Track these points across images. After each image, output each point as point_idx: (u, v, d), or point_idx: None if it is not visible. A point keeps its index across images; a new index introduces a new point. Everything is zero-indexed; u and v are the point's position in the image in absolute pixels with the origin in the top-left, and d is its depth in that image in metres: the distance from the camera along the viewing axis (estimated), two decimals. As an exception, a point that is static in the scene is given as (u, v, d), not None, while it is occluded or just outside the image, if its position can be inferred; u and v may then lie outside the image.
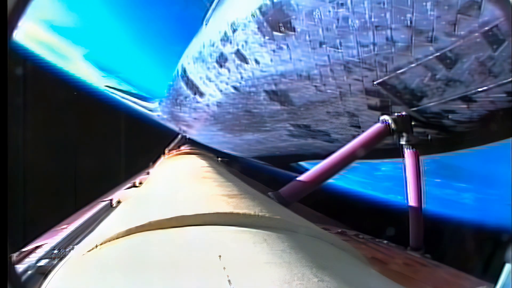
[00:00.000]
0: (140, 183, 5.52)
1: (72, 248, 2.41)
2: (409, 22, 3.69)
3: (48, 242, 2.99)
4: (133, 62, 13.19)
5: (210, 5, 6.48)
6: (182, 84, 8.24)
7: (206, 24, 6.66)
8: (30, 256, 2.57)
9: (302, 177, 4.37)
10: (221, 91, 7.00)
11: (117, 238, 1.66)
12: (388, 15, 3.78)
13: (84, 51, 12.83)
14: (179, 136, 10.44)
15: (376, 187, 8.82)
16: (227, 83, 6.67)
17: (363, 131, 4.79)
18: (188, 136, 10.15)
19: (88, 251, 1.67)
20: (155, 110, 11.13)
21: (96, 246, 1.66)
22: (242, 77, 6.19)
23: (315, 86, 5.23)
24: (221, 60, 6.27)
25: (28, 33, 10.79)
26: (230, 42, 5.80)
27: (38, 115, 8.82)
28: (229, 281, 1.16)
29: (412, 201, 4.50)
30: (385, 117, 4.58)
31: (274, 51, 5.22)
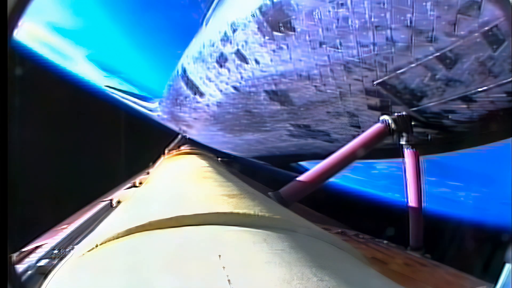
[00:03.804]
0: (140, 183, 5.51)
1: (72, 248, 2.41)
2: (409, 22, 3.68)
3: (48, 242, 2.98)
4: (134, 62, 13.23)
5: (206, 7, 6.48)
6: (182, 84, 8.23)
7: (206, 24, 6.66)
8: (30, 256, 2.57)
9: (302, 177, 4.37)
10: (221, 91, 7.00)
11: (117, 238, 1.66)
12: (388, 15, 3.78)
13: (87, 51, 12.86)
14: (179, 136, 10.43)
15: (374, 185, 8.85)
16: (227, 83, 6.67)
17: (363, 131, 4.79)
18: (188, 136, 10.15)
19: (88, 251, 1.67)
20: (155, 110, 11.13)
21: (96, 246, 1.66)
22: (242, 77, 6.18)
23: (315, 86, 5.23)
24: (221, 60, 6.27)
25: (31, 34, 10.82)
26: (230, 42, 5.80)
27: (38, 115, 8.82)
28: (228, 280, 1.16)
29: (412, 201, 4.50)
30: (385, 117, 4.58)
31: (274, 51, 5.22)
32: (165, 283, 1.23)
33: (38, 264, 2.25)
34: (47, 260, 2.31)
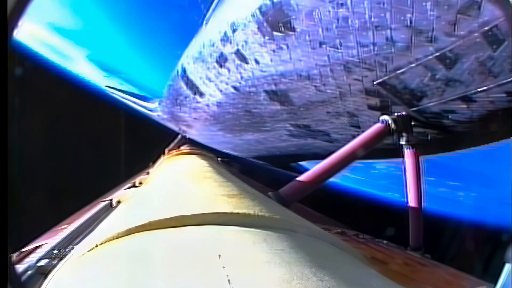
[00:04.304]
0: (140, 183, 5.51)
1: (72, 248, 2.41)
2: (409, 22, 3.68)
3: (48, 242, 2.98)
4: (134, 62, 13.25)
5: (205, 8, 6.48)
6: (182, 84, 8.23)
7: (206, 24, 6.66)
8: (30, 256, 2.56)
9: (302, 177, 4.38)
10: (221, 91, 7.00)
11: (117, 238, 1.66)
12: (388, 15, 3.78)
13: (87, 51, 12.88)
14: (179, 136, 10.43)
15: (374, 185, 8.86)
16: (227, 83, 6.67)
17: (363, 131, 4.79)
18: (188, 136, 10.14)
19: (88, 251, 1.67)
20: (155, 110, 11.13)
21: (96, 246, 1.66)
22: (242, 77, 6.18)
23: (315, 86, 5.23)
24: (221, 60, 6.27)
25: (31, 34, 10.83)
26: (230, 42, 5.80)
27: (38, 115, 8.82)
28: (228, 280, 1.16)
29: (412, 201, 4.50)
30: (385, 117, 4.58)
31: (274, 51, 5.22)
32: (165, 283, 1.23)
33: (38, 264, 2.25)
34: (47, 260, 2.31)
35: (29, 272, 2.13)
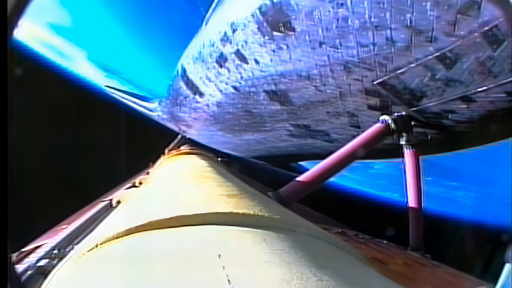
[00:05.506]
0: (140, 183, 5.51)
1: (72, 248, 2.41)
2: (409, 22, 3.69)
3: (48, 242, 2.99)
4: (135, 62, 13.26)
5: (205, 8, 6.49)
6: (182, 84, 8.23)
7: (206, 24, 6.66)
8: (30, 256, 2.57)
9: (301, 177, 4.37)
10: (221, 91, 7.00)
11: (117, 238, 1.66)
12: (388, 15, 3.78)
13: (87, 51, 12.88)
14: (179, 136, 10.43)
15: (373, 185, 8.86)
16: (227, 83, 6.67)
17: (363, 131, 4.79)
18: (188, 136, 10.14)
19: (88, 251, 1.67)
20: (155, 110, 11.12)
21: (96, 246, 1.66)
22: (242, 77, 6.18)
23: (315, 86, 5.23)
24: (221, 60, 6.27)
25: (31, 34, 10.83)
26: (230, 42, 5.80)
27: (38, 115, 8.82)
28: (228, 280, 1.16)
29: (412, 201, 4.50)
30: (385, 117, 4.58)
31: (274, 51, 5.22)
32: (165, 283, 1.23)
33: (38, 264, 2.25)
34: (47, 260, 2.31)
35: (29, 272, 2.13)
